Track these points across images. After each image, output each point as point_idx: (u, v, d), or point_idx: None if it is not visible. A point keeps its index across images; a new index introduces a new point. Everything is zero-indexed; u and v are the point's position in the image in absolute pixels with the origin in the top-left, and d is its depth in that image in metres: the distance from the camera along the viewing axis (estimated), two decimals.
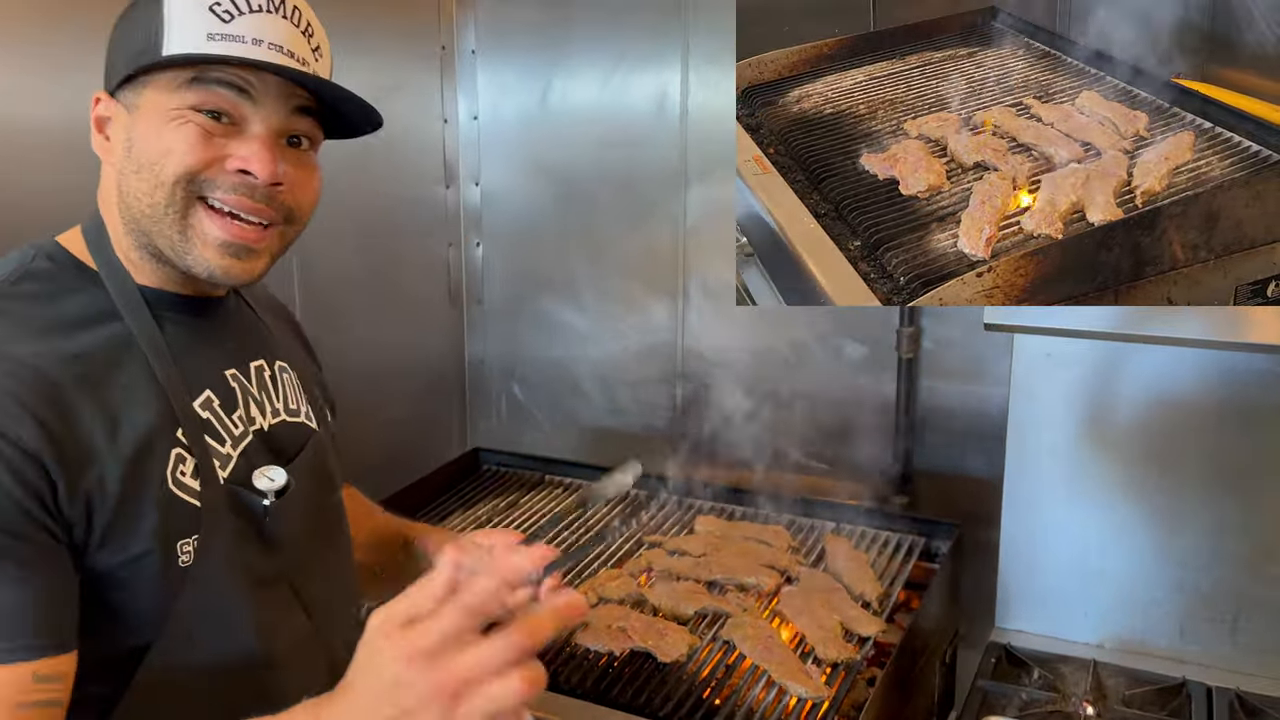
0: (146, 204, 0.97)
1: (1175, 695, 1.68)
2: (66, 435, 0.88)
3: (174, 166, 0.96)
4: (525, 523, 2.08)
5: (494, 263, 2.58)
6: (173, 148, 0.96)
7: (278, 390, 1.13)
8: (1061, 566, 1.86)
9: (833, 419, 2.24)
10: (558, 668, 1.57)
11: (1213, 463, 1.74)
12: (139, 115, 0.97)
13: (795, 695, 1.49)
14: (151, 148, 0.96)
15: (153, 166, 0.96)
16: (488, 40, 2.47)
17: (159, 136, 0.96)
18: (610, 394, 2.48)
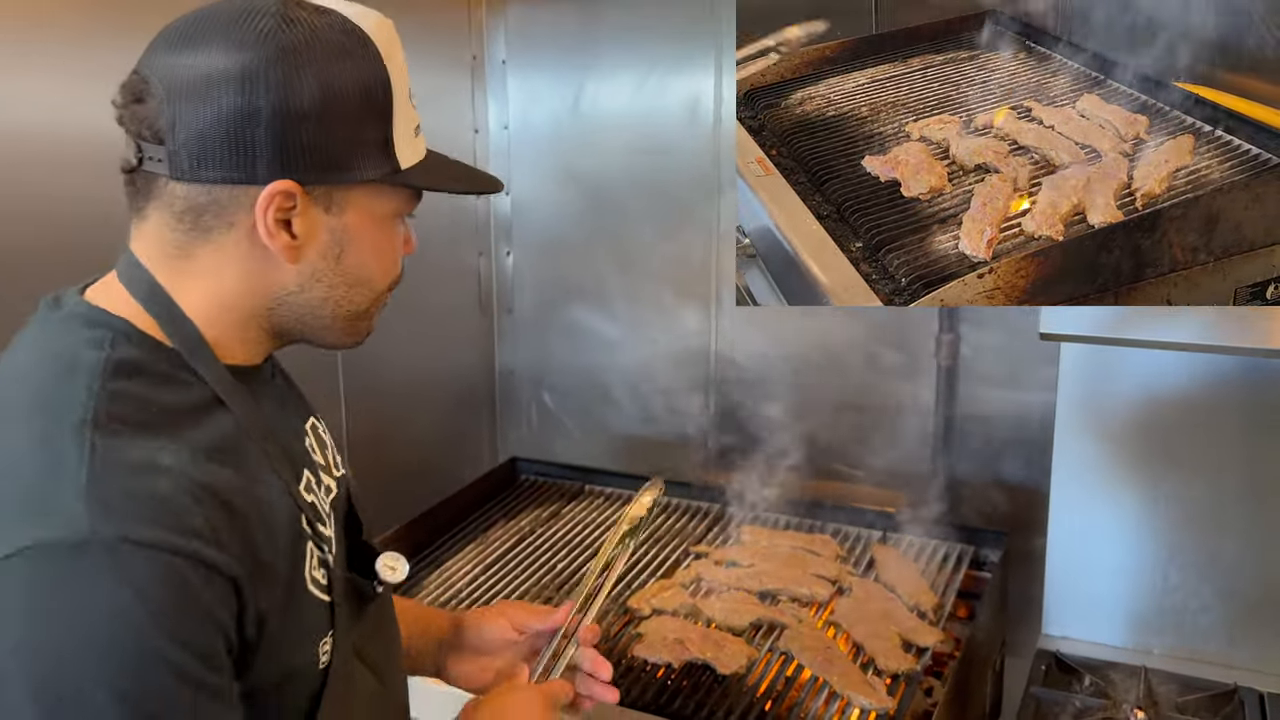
0: (345, 312, 0.91)
1: (1228, 701, 1.69)
2: (246, 552, 0.79)
3: (391, 276, 0.93)
4: (568, 534, 2.08)
5: (524, 271, 2.57)
6: (394, 259, 0.93)
7: (326, 444, 1.03)
8: (1108, 573, 1.86)
9: (870, 426, 2.24)
10: (616, 680, 1.56)
11: (1258, 469, 1.74)
12: (350, 220, 0.87)
13: (859, 707, 1.49)
14: (373, 262, 0.90)
15: (371, 282, 0.91)
16: (518, 48, 2.47)
17: (378, 249, 0.90)
18: (642, 402, 2.47)
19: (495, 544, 2.04)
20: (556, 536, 2.07)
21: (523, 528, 2.12)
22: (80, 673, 0.70)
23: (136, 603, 0.71)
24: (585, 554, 1.98)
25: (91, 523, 0.71)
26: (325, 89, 0.81)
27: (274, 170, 0.81)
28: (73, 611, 0.70)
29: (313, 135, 0.82)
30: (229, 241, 0.84)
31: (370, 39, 0.84)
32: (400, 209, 0.91)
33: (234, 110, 0.79)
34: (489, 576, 1.90)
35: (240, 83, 0.79)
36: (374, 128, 0.85)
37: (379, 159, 0.86)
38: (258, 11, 0.81)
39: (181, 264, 0.85)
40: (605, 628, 1.72)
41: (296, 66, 0.80)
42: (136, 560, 0.71)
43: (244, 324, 0.88)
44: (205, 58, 0.80)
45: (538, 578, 1.90)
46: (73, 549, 0.71)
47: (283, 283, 0.87)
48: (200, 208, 0.83)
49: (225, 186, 0.82)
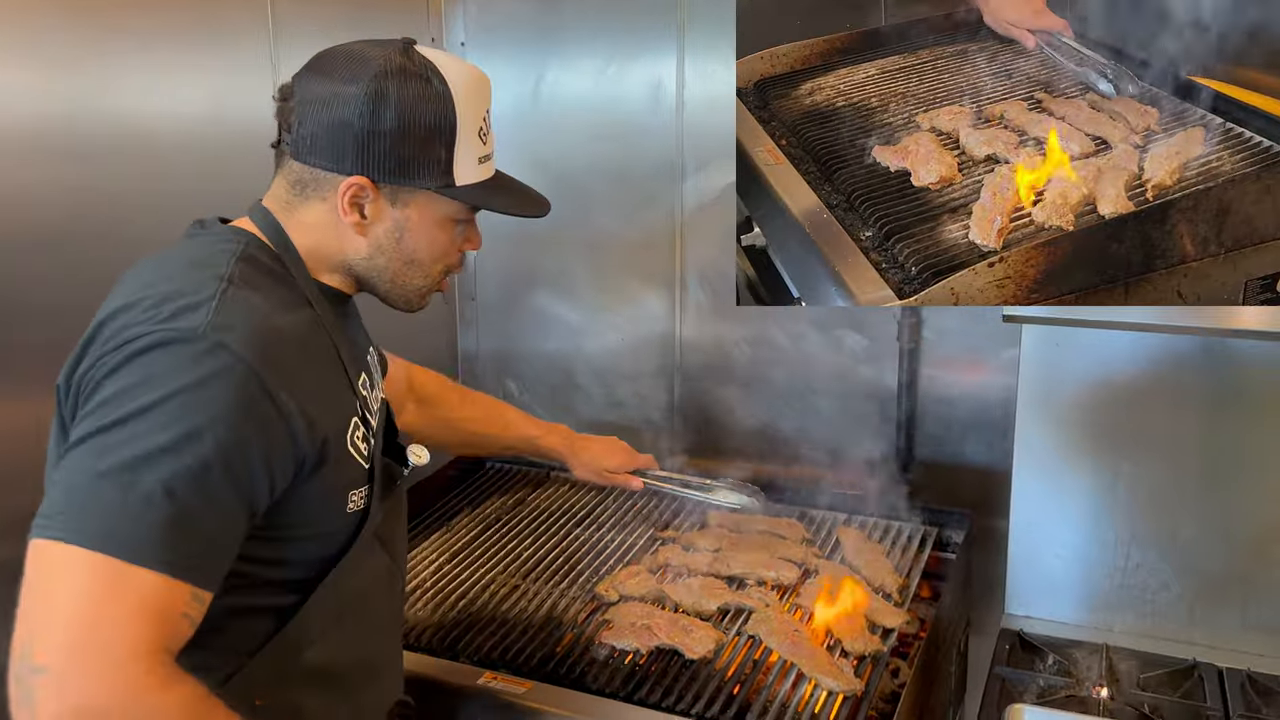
0: (402, 283, 1.23)
1: (1188, 677, 1.72)
2: (305, 398, 1.06)
3: (443, 264, 1.24)
4: (534, 521, 2.06)
5: (487, 257, 2.54)
6: (446, 250, 1.23)
7: (378, 371, 1.34)
8: (1070, 552, 1.89)
9: (834, 410, 2.25)
10: (584, 667, 1.56)
11: (1216, 449, 1.77)
12: (411, 214, 1.18)
13: (827, 689, 1.50)
14: (425, 249, 1.21)
15: (422, 264, 1.22)
16: (477, 32, 2.44)
17: (433, 241, 1.21)
18: (608, 388, 2.46)
19: (461, 532, 2.02)
20: (522, 524, 2.05)
21: (488, 515, 2.10)
22: (169, 417, 0.98)
23: (212, 387, 0.99)
24: (552, 542, 1.97)
25: (206, 328, 1.01)
26: (401, 119, 1.12)
27: (356, 167, 1.13)
28: (173, 378, 0.99)
29: (386, 147, 1.13)
30: (322, 209, 1.17)
31: (450, 92, 1.14)
32: (455, 214, 1.21)
33: (335, 121, 1.12)
34: (455, 565, 1.89)
35: (343, 104, 1.12)
36: (438, 151, 1.15)
37: (438, 174, 1.16)
38: (374, 58, 1.13)
39: (291, 216, 1.18)
40: (573, 615, 1.71)
41: (385, 102, 1.12)
42: (224, 359, 1.00)
43: (332, 267, 1.21)
44: (329, 83, 1.13)
45: (504, 565, 1.89)
46: (187, 341, 1.01)
47: (356, 248, 1.19)
48: (305, 181, 1.16)
49: (323, 171, 1.15)
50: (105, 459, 0.96)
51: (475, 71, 1.19)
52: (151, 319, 1.02)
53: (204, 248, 1.15)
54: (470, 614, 1.72)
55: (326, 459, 1.11)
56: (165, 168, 1.74)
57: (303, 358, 1.10)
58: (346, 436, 1.16)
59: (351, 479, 1.17)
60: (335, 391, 1.16)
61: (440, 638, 1.65)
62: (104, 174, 1.66)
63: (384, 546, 1.29)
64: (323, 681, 1.20)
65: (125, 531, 0.95)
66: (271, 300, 1.10)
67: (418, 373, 1.81)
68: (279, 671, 1.15)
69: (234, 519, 1.03)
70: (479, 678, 1.54)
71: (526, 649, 1.61)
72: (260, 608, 1.14)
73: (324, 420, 1.10)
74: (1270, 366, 1.70)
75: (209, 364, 1.00)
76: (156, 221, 1.31)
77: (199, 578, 0.99)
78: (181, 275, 1.09)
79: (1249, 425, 1.74)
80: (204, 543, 1.00)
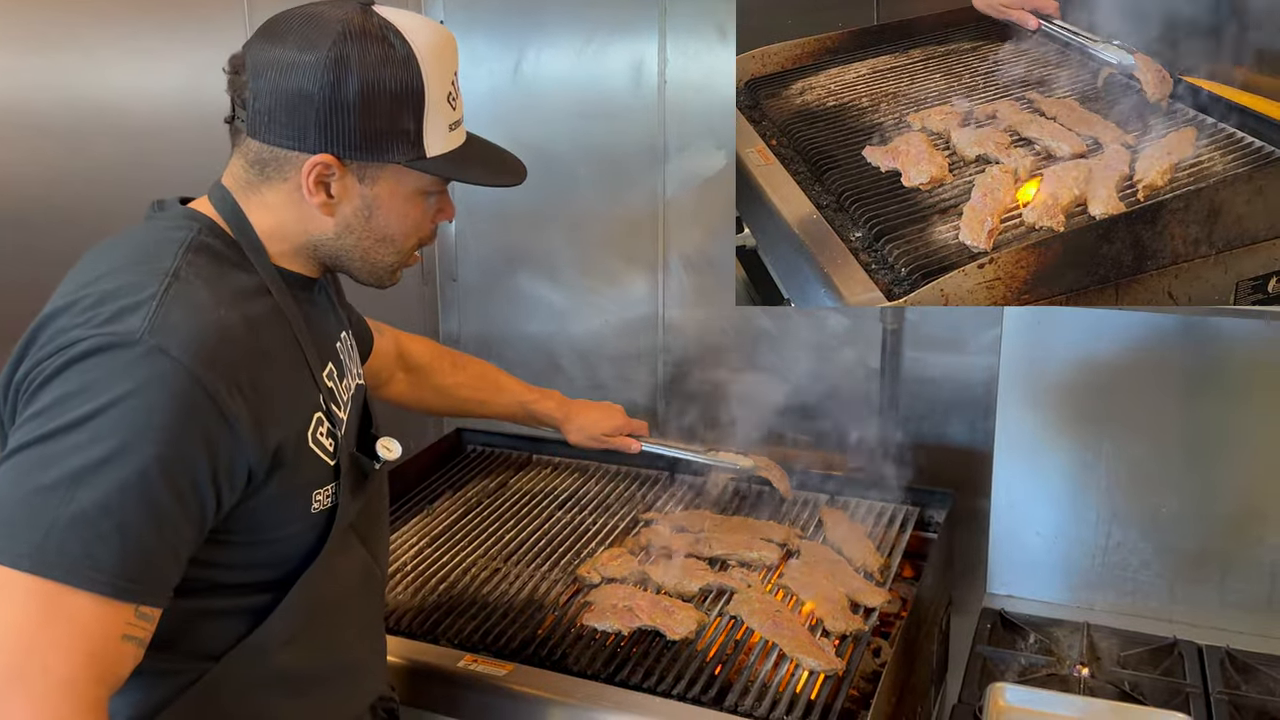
0: (374, 261, 1.16)
1: (1168, 655, 1.73)
2: (257, 399, 1.01)
3: (415, 238, 1.17)
4: (516, 504, 2.05)
5: (468, 239, 2.53)
6: (419, 224, 1.16)
7: (352, 356, 1.29)
8: (1051, 531, 1.89)
9: (817, 390, 2.24)
10: (565, 649, 1.56)
11: (1197, 427, 1.77)
12: (380, 190, 1.10)
13: (808, 669, 1.50)
14: (397, 225, 1.14)
15: (394, 241, 1.15)
16: (456, 9, 2.41)
17: (405, 216, 1.13)
18: (591, 370, 2.45)
19: (442, 515, 2.01)
20: (504, 507, 2.04)
21: (470, 499, 2.09)
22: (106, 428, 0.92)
23: (151, 394, 0.93)
24: (533, 524, 1.96)
25: (145, 332, 0.95)
26: (366, 88, 1.03)
27: (319, 144, 1.05)
28: (110, 387, 0.93)
29: (352, 122, 1.04)
30: (284, 190, 1.09)
31: (414, 55, 1.05)
32: (427, 187, 1.13)
33: (294, 93, 1.03)
34: (435, 548, 1.88)
35: (301, 74, 1.03)
36: (405, 121, 1.06)
37: (407, 146, 1.08)
38: (332, 21, 1.04)
39: (252, 196, 1.11)
40: (554, 598, 1.71)
41: (346, 69, 1.03)
42: (163, 364, 0.94)
43: (296, 250, 1.14)
44: (282, 50, 1.04)
45: (485, 548, 1.88)
46: (125, 345, 0.95)
47: (323, 229, 1.12)
48: (265, 161, 1.08)
49: (283, 149, 1.06)
50: (38, 474, 0.91)
51: (440, 31, 1.10)
52: (89, 322, 0.97)
53: (154, 234, 1.09)
54: (451, 597, 1.71)
55: (283, 462, 1.05)
56: (141, 147, 1.72)
57: (255, 355, 1.03)
58: (308, 434, 1.09)
59: (315, 478, 1.11)
60: (295, 387, 1.09)
61: (421, 621, 1.64)
62: (78, 153, 1.64)
63: (362, 542, 1.24)
64: (295, 685, 1.17)
65: (59, 552, 0.90)
66: (223, 292, 1.03)
67: (407, 341, 1.77)
68: (246, 677, 1.11)
69: (179, 532, 0.97)
70: (460, 660, 1.53)
71: (508, 631, 1.60)
72: (229, 610, 1.10)
73: (280, 421, 1.04)
74: (1251, 345, 1.70)
75: (147, 370, 0.94)
76: (133, 201, 1.28)
77: (143, 596, 0.94)
78: (124, 270, 1.02)
79: (1229, 404, 1.74)
80: (146, 559, 0.94)
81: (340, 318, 1.28)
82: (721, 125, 2.17)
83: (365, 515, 1.24)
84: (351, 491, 1.17)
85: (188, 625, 1.05)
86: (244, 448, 0.99)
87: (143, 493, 0.93)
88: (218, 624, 1.09)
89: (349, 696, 1.27)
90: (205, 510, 0.99)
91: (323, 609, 1.17)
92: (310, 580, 1.13)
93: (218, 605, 1.08)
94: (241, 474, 1.01)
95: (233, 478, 1.00)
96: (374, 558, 1.28)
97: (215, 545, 1.04)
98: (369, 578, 1.27)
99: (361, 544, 1.24)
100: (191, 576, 1.02)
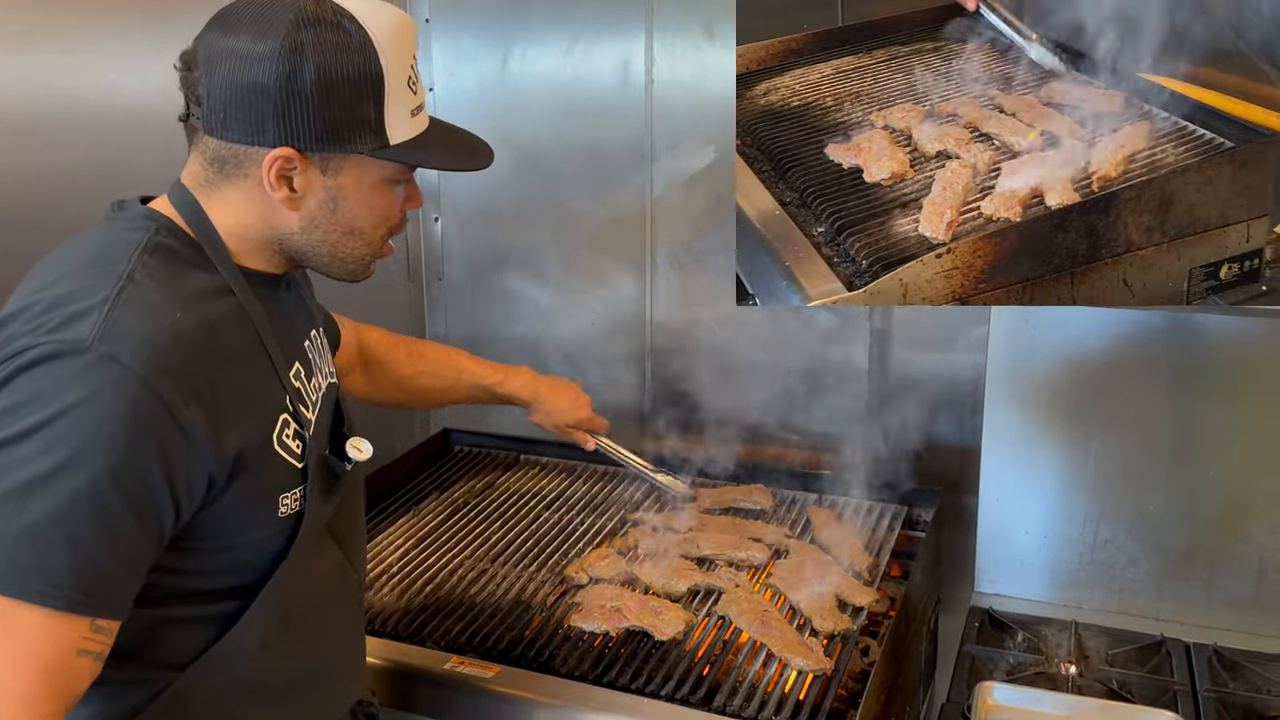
0: (343, 254, 1.12)
1: (1155, 653, 1.73)
2: (215, 404, 0.98)
3: (384, 228, 1.14)
4: (503, 505, 2.04)
5: (454, 238, 2.51)
6: (387, 214, 1.13)
7: (323, 354, 1.26)
8: (1039, 530, 1.89)
9: (804, 389, 2.24)
10: (553, 650, 1.55)
11: (1183, 424, 1.77)
12: (345, 181, 1.07)
13: (797, 669, 1.49)
14: (365, 216, 1.11)
15: (363, 232, 1.12)
16: (443, 7, 2.40)
17: (372, 206, 1.11)
18: (578, 370, 2.44)
19: (428, 516, 2.00)
20: (491, 508, 2.03)
21: (456, 499, 2.08)
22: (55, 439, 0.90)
23: (101, 403, 0.91)
24: (521, 525, 1.95)
25: (94, 339, 0.93)
26: (323, 76, 1.00)
27: (278, 137, 1.02)
28: (59, 396, 0.91)
29: (311, 112, 1.01)
30: (245, 186, 1.06)
31: (370, 39, 1.02)
32: (393, 175, 1.10)
33: (249, 87, 1.00)
34: (421, 549, 1.87)
35: (255, 66, 0.99)
36: (366, 109, 1.04)
37: (369, 135, 1.05)
38: (285, 8, 1.01)
39: (212, 194, 1.08)
40: (542, 598, 1.70)
41: (301, 57, 0.99)
42: (113, 372, 0.92)
43: (260, 247, 1.11)
44: (234, 41, 1.00)
45: (472, 549, 1.87)
46: (75, 353, 0.92)
47: (288, 224, 1.09)
48: (224, 158, 1.05)
49: (242, 145, 1.03)
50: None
51: (397, 14, 1.07)
52: (38, 329, 0.94)
53: (110, 237, 1.06)
54: (438, 599, 1.70)
55: (245, 467, 1.02)
56: (123, 146, 1.70)
57: (213, 358, 1.00)
58: (273, 436, 1.07)
59: (281, 481, 1.09)
60: (257, 389, 1.07)
61: (407, 623, 1.63)
62: (59, 153, 1.63)
63: (338, 544, 1.22)
64: (267, 693, 1.15)
65: (9, 565, 0.89)
66: (179, 295, 1.01)
67: (365, 332, 1.74)
68: (215, 686, 1.09)
69: (134, 543, 0.95)
70: (446, 662, 1.53)
71: (495, 633, 1.59)
72: (196, 617, 1.08)
73: (240, 425, 1.02)
74: (1236, 343, 1.71)
75: (97, 378, 0.92)
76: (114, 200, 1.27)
77: (97, 609, 0.93)
78: (77, 275, 1.00)
79: (1216, 402, 1.74)
80: (100, 571, 0.92)
81: (310, 314, 1.26)
82: (709, 124, 2.17)
83: (340, 517, 1.22)
84: (322, 494, 1.15)
85: (152, 634, 1.04)
86: (201, 455, 0.97)
87: (95, 504, 0.91)
88: (184, 632, 1.07)
89: (324, 702, 1.26)
90: (162, 520, 0.97)
91: (295, 614, 1.14)
92: (280, 584, 1.11)
93: (183, 613, 1.07)
94: (200, 482, 0.99)
95: (191, 486, 0.98)
96: (350, 560, 1.26)
97: (177, 552, 1.02)
98: (345, 580, 1.25)
99: (337, 546, 1.22)
100: (154, 584, 1.00)
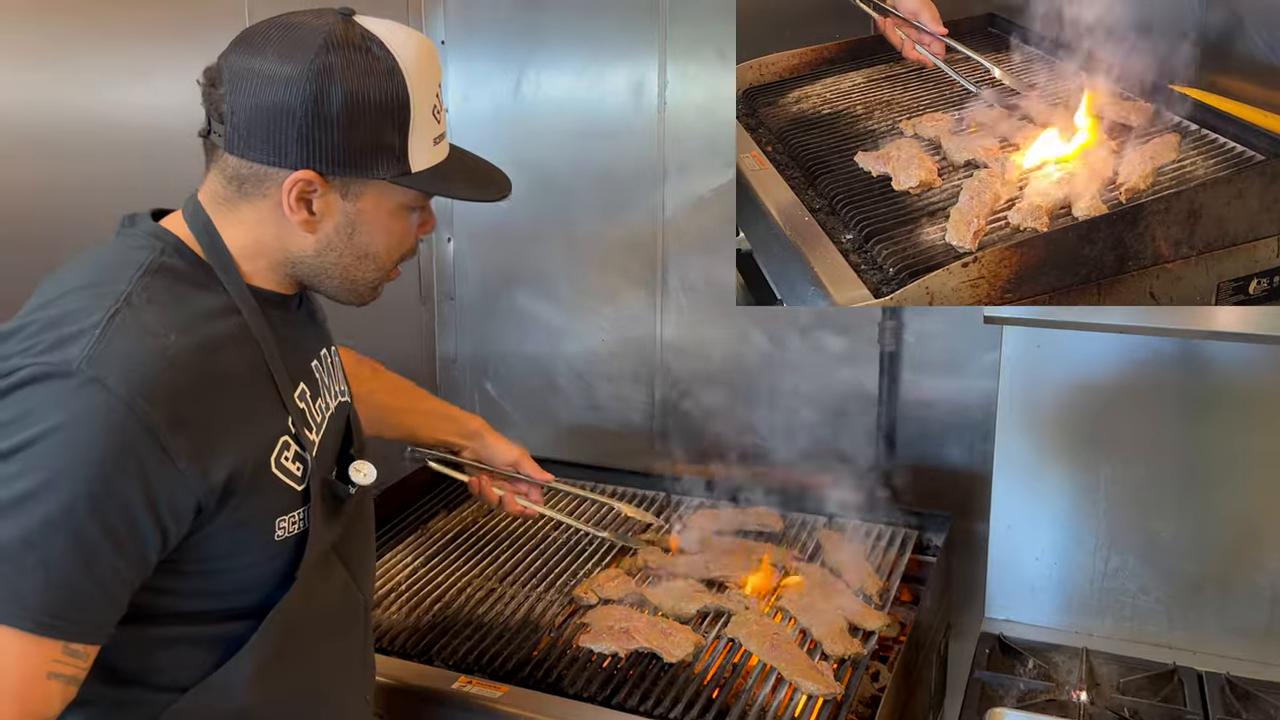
0: (354, 278, 1.12)
1: (1168, 681, 1.71)
2: (206, 430, 0.97)
3: (398, 253, 1.14)
4: (511, 525, 2.04)
5: (466, 258, 2.53)
6: (402, 239, 1.13)
7: (336, 373, 1.25)
8: (1050, 556, 1.88)
9: (814, 412, 2.24)
10: (561, 671, 1.54)
11: (1195, 451, 1.77)
12: (363, 206, 1.07)
13: (807, 693, 1.48)
14: (381, 241, 1.10)
15: (377, 257, 1.11)
16: (458, 30, 2.42)
17: (389, 231, 1.10)
18: (588, 390, 2.45)
19: (436, 535, 2.00)
20: (500, 526, 2.03)
21: (465, 519, 2.08)
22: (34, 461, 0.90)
23: (82, 428, 0.90)
24: (529, 545, 1.95)
25: (83, 362, 0.92)
26: (350, 101, 0.99)
27: (301, 160, 1.01)
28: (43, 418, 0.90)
29: (335, 137, 1.00)
30: (263, 207, 1.05)
31: (399, 66, 1.02)
32: (411, 202, 1.10)
33: (274, 107, 0.99)
34: (430, 568, 1.87)
35: (282, 87, 0.99)
36: (390, 136, 1.03)
37: (392, 162, 1.04)
38: (313, 30, 1.00)
39: (228, 213, 1.07)
40: (550, 619, 1.69)
41: (329, 81, 0.99)
42: (98, 397, 0.91)
43: (272, 267, 1.10)
44: (262, 62, 1.00)
45: (481, 568, 1.86)
46: (61, 376, 0.91)
47: (303, 246, 1.08)
48: (243, 177, 1.04)
49: (263, 166, 1.02)
50: None
51: (424, 42, 1.06)
52: (30, 349, 0.93)
53: (114, 255, 1.05)
54: (446, 618, 1.70)
55: (236, 491, 1.00)
56: (142, 164, 1.71)
57: (207, 382, 0.98)
58: (271, 459, 1.05)
59: (278, 504, 1.07)
60: (256, 412, 1.05)
61: (415, 642, 1.63)
62: (79, 171, 1.64)
63: (344, 566, 1.20)
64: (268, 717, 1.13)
65: None
66: (180, 317, 0.99)
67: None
68: (208, 712, 1.07)
69: (112, 568, 0.93)
70: (454, 682, 1.52)
71: (503, 653, 1.59)
72: (196, 639, 1.06)
73: (233, 449, 1.00)
74: (1248, 369, 1.70)
75: (82, 403, 0.91)
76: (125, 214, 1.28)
77: (70, 633, 0.92)
78: (76, 294, 0.99)
79: (1227, 428, 1.74)
80: (73, 596, 0.91)
81: (322, 333, 1.25)
82: (722, 146, 2.18)
83: (348, 539, 1.21)
84: (325, 517, 1.13)
85: (147, 655, 1.03)
86: (187, 481, 0.95)
87: (70, 528, 0.90)
88: (183, 653, 1.06)
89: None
90: (145, 546, 0.95)
91: (295, 636, 1.12)
92: (285, 607, 1.09)
93: (182, 633, 1.05)
94: (187, 507, 0.97)
95: (177, 512, 0.96)
96: (357, 582, 1.24)
97: (172, 574, 1.01)
98: (350, 603, 1.24)
99: (344, 568, 1.21)
100: (150, 605, 1.00)
